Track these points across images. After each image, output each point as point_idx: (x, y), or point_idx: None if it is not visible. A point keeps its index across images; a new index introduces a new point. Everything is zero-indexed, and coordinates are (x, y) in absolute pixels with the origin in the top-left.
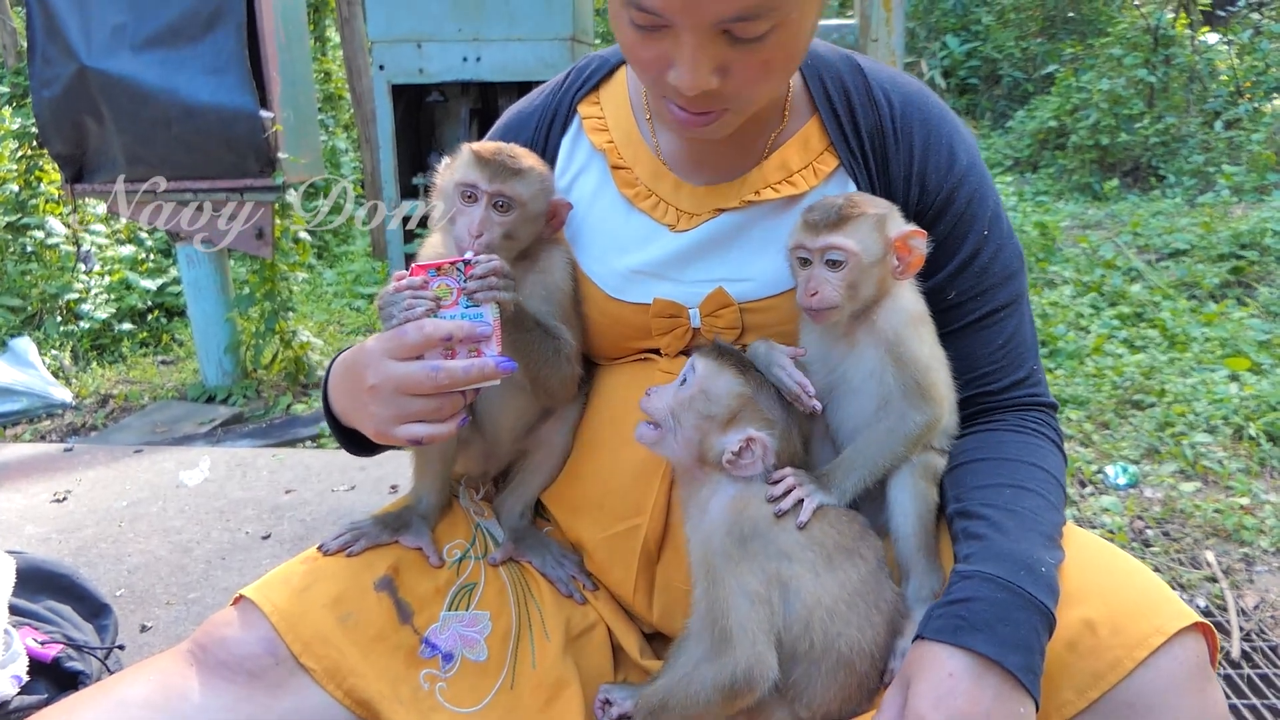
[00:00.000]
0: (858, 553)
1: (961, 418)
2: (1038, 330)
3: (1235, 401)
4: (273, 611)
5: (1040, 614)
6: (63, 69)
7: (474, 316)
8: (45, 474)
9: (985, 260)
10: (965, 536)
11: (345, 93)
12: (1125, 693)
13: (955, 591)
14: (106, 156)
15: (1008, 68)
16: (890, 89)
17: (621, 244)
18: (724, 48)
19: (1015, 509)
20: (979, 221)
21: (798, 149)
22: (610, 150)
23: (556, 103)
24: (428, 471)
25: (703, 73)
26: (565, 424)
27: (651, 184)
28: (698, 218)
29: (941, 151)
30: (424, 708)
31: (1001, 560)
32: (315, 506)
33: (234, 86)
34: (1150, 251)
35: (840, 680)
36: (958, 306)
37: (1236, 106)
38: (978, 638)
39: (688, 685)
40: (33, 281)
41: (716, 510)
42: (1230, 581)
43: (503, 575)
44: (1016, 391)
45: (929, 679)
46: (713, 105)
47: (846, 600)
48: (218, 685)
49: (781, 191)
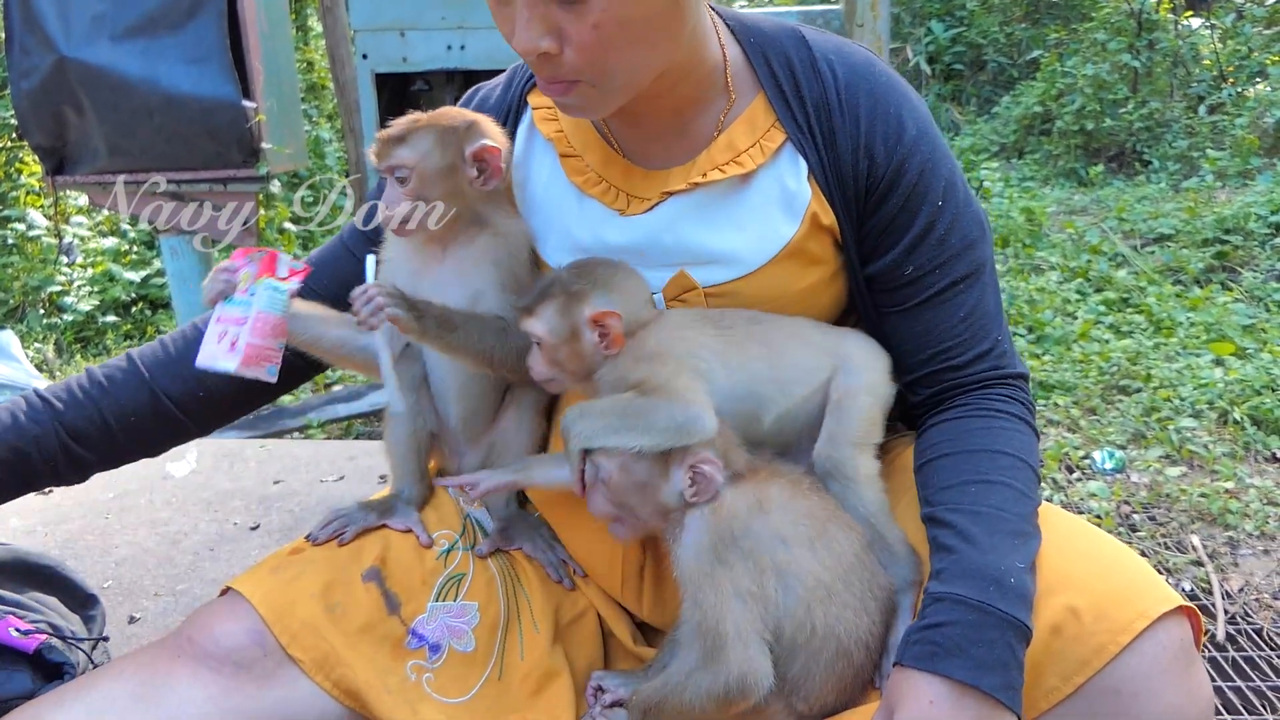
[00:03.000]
0: (846, 522)
1: (928, 399)
2: (1024, 316)
3: (1220, 386)
4: (260, 602)
5: (1013, 628)
6: (41, 59)
7: (242, 303)
8: None
9: (941, 232)
10: (936, 548)
11: (328, 82)
12: (1110, 678)
13: (929, 615)
14: (87, 148)
15: (992, 53)
16: (835, 60)
17: (575, 231)
18: (553, 9)
19: (981, 510)
20: (932, 192)
21: (744, 128)
22: (559, 139)
23: (511, 96)
24: (400, 462)
25: (533, 33)
26: (524, 416)
27: (601, 170)
28: (646, 202)
29: (889, 122)
30: (411, 698)
31: (970, 579)
32: (304, 497)
33: (216, 76)
34: (1136, 237)
35: (838, 671)
36: (916, 281)
37: (1220, 91)
38: (953, 663)
39: (682, 692)
40: (14, 274)
41: (696, 527)
42: (1215, 565)
43: (491, 566)
44: (981, 365)
45: (909, 708)
46: (562, 75)
47: (843, 579)
48: (205, 677)
49: (729, 172)
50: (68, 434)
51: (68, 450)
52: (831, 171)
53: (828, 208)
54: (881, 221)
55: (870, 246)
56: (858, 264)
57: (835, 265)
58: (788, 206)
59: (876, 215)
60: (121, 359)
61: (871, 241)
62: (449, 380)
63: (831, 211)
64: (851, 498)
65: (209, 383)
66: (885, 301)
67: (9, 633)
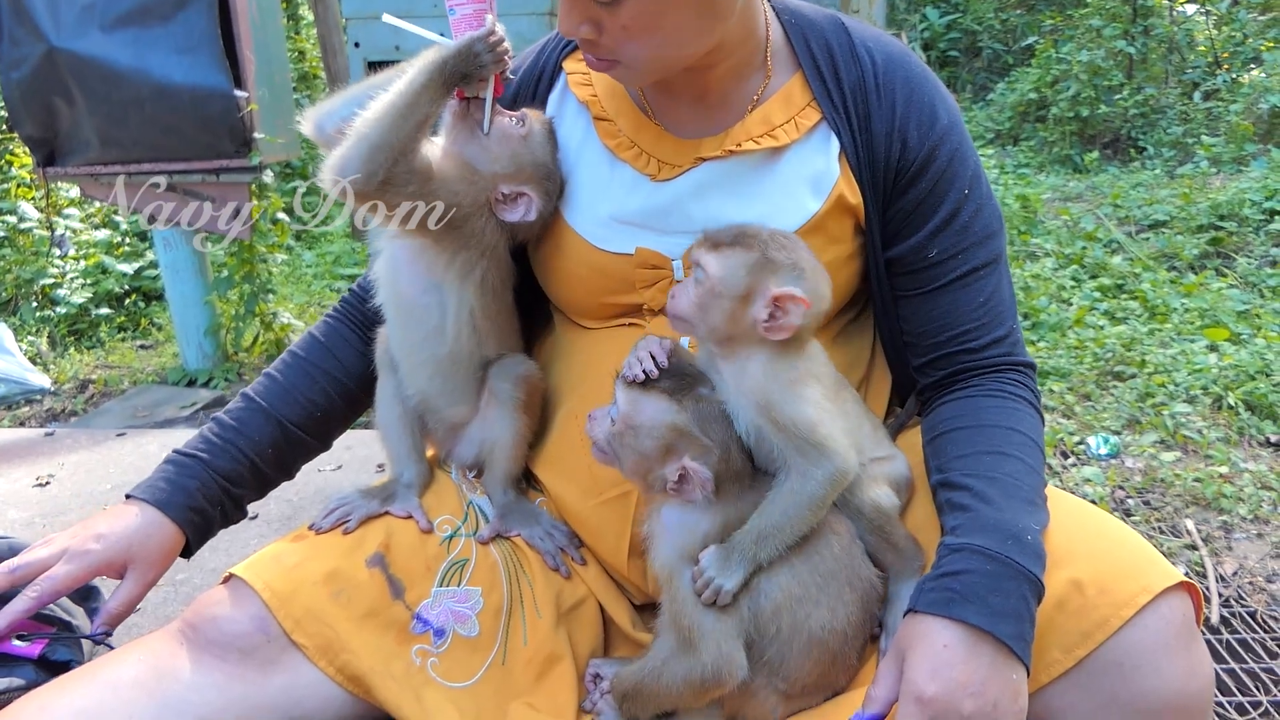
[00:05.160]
0: (830, 528)
1: (940, 380)
2: (1020, 303)
3: (1214, 371)
4: (264, 589)
5: (1029, 582)
6: (31, 50)
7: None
8: (26, 459)
9: (966, 219)
10: (950, 508)
11: (320, 71)
12: (1113, 651)
13: (945, 565)
14: (79, 139)
15: (988, 40)
16: (874, 47)
17: (604, 194)
18: (590, 4)
19: (996, 476)
20: (960, 180)
21: (780, 103)
22: (593, 103)
23: (544, 61)
24: (395, 443)
25: (571, 22)
26: (504, 413)
27: (634, 135)
28: (679, 168)
29: (924, 109)
30: (416, 683)
31: (988, 531)
32: (301, 486)
33: (207, 66)
34: (1130, 223)
35: (814, 656)
36: (939, 264)
37: (1215, 77)
38: (969, 609)
39: (659, 677)
40: (6, 267)
41: (674, 528)
42: (1209, 549)
43: (494, 552)
44: (996, 350)
45: (924, 651)
46: (600, 54)
47: (818, 584)
48: (209, 664)
49: (763, 144)
50: (224, 480)
51: (229, 494)
52: (864, 152)
53: (855, 188)
54: (909, 204)
55: (895, 229)
56: (879, 246)
57: (853, 247)
58: (815, 184)
59: (904, 198)
60: (239, 399)
61: (897, 224)
62: (399, 346)
63: (859, 192)
64: (855, 500)
65: (321, 403)
66: (907, 284)
67: (11, 643)
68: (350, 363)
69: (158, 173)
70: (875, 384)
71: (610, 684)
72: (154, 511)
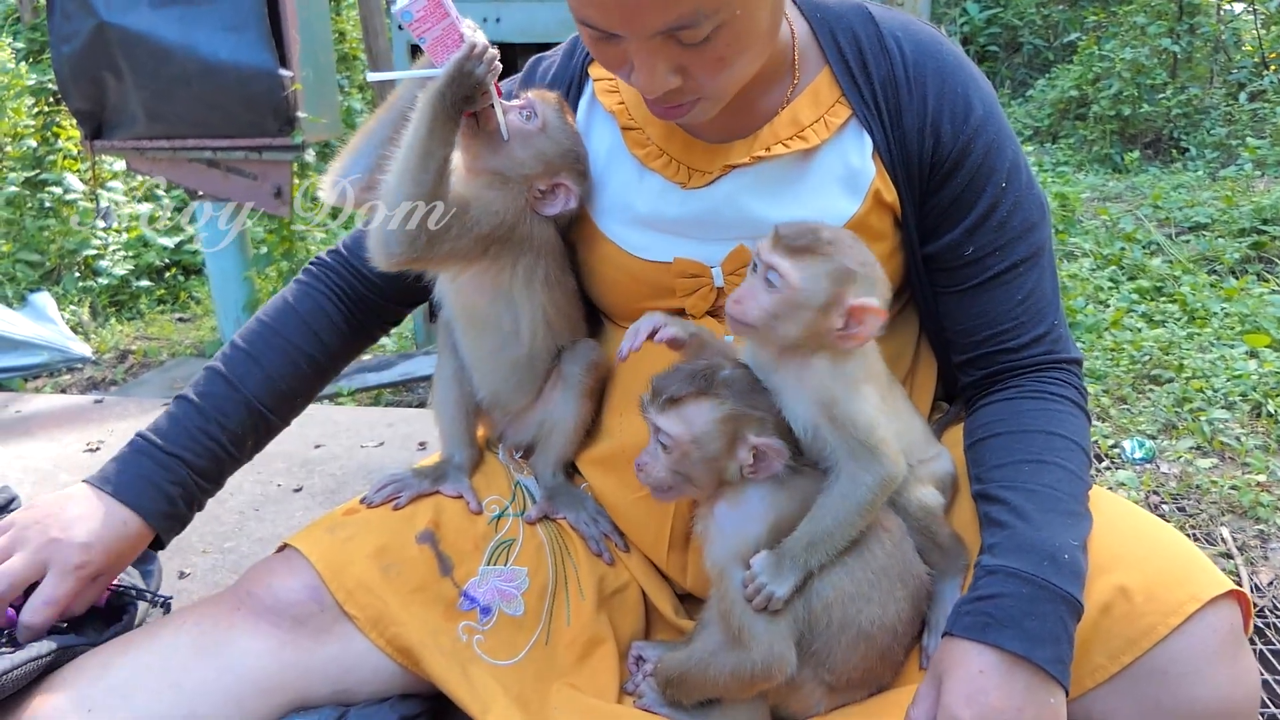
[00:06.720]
0: (881, 525)
1: (980, 380)
2: None
3: (1254, 378)
4: (318, 560)
5: (1066, 603)
6: (81, 24)
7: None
8: (76, 425)
9: (1004, 214)
10: (988, 523)
11: (360, 53)
12: (1159, 659)
13: (981, 588)
14: (125, 113)
15: (1028, 35)
16: (903, 37)
17: (636, 204)
18: (675, 50)
19: (1035, 488)
20: (997, 174)
21: (809, 103)
22: (620, 111)
23: (572, 69)
24: (449, 426)
25: (658, 77)
26: (570, 398)
27: (663, 143)
28: (709, 175)
29: (957, 101)
30: (463, 659)
31: (1024, 553)
32: (345, 461)
33: (253, 44)
34: (1171, 225)
35: (861, 651)
36: (976, 262)
37: (1261, 78)
38: (1005, 634)
39: (705, 668)
40: (51, 237)
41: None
42: (1245, 558)
43: (540, 533)
44: (1037, 348)
45: (960, 677)
46: (681, 99)
47: (870, 580)
48: (263, 629)
49: (792, 147)
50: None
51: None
52: (897, 148)
53: (890, 185)
54: (944, 201)
55: (931, 225)
56: (916, 243)
57: (895, 242)
58: (850, 183)
59: (939, 194)
60: (213, 378)
61: (933, 220)
62: (472, 354)
63: (894, 189)
64: (901, 499)
65: (300, 388)
66: (944, 281)
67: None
68: (332, 343)
69: (202, 148)
70: (920, 378)
71: (654, 667)
72: (139, 523)
